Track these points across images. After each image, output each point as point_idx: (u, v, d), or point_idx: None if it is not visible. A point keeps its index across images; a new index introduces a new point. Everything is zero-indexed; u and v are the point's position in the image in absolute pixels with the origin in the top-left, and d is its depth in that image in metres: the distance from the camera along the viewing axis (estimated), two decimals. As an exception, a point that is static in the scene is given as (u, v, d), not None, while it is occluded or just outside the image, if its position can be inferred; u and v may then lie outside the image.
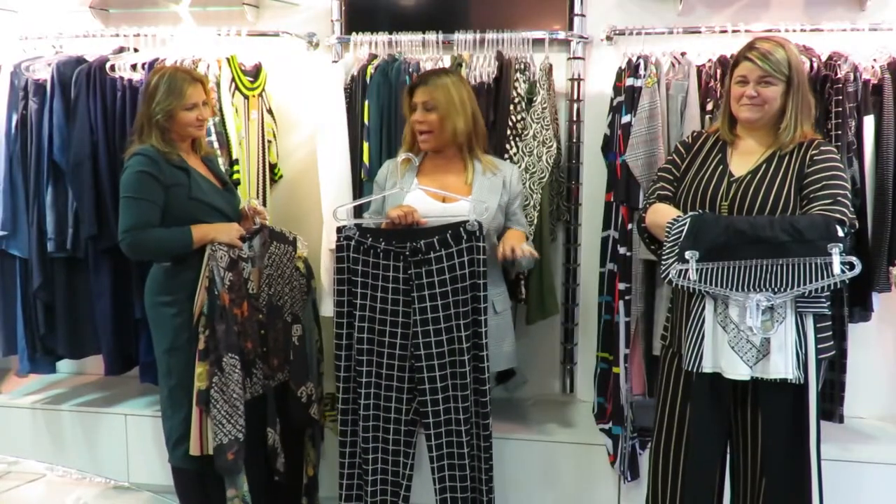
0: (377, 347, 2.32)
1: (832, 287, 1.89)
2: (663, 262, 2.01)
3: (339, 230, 2.30)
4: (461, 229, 2.24)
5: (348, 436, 2.40)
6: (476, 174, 2.41)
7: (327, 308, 2.80)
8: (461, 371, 2.29)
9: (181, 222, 2.36)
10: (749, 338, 1.94)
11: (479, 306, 2.27)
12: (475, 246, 2.23)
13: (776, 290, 1.90)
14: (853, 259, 1.87)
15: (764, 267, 1.91)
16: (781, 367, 1.92)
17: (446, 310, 2.26)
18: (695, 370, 2.01)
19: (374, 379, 2.34)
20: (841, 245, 1.87)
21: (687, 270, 1.94)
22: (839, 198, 1.95)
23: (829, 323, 2.06)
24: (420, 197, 2.38)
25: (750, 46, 2.06)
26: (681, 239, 1.96)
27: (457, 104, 2.36)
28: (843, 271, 1.86)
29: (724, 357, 1.97)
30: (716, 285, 1.94)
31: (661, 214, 2.07)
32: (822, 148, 2.04)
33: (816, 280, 1.88)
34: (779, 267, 1.90)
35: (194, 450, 2.34)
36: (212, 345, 2.29)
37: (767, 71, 2.01)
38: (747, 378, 1.96)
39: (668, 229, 2.01)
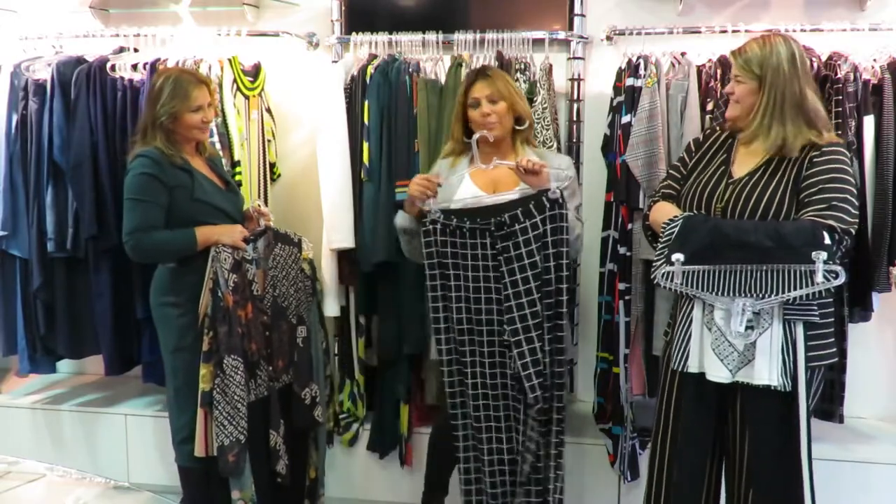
0: (475, 326, 2.29)
1: (821, 294, 1.83)
2: (654, 263, 1.99)
3: (423, 215, 2.28)
4: (543, 198, 2.22)
5: (459, 419, 2.35)
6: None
7: (330, 308, 2.82)
8: (538, 334, 2.24)
9: (185, 224, 2.36)
10: (732, 342, 1.91)
11: (563, 274, 2.24)
12: (558, 214, 2.22)
13: (759, 295, 1.86)
14: (838, 268, 1.79)
15: (748, 272, 1.86)
16: (766, 373, 1.89)
17: (536, 280, 2.23)
18: (681, 369, 2.00)
19: (477, 358, 2.30)
20: (826, 252, 1.79)
21: (673, 273, 1.91)
22: (835, 202, 1.86)
23: (829, 330, 1.98)
24: (470, 188, 2.37)
25: None
26: (671, 240, 1.94)
27: (515, 90, 2.40)
28: (827, 279, 1.80)
29: (707, 358, 1.95)
30: (700, 289, 1.90)
31: (662, 213, 2.05)
32: (824, 149, 1.94)
33: (800, 287, 1.82)
34: (762, 273, 1.85)
35: (199, 451, 2.33)
36: (215, 346, 2.29)
37: (738, 69, 1.99)
38: (727, 381, 1.94)
39: (663, 229, 1.99)
